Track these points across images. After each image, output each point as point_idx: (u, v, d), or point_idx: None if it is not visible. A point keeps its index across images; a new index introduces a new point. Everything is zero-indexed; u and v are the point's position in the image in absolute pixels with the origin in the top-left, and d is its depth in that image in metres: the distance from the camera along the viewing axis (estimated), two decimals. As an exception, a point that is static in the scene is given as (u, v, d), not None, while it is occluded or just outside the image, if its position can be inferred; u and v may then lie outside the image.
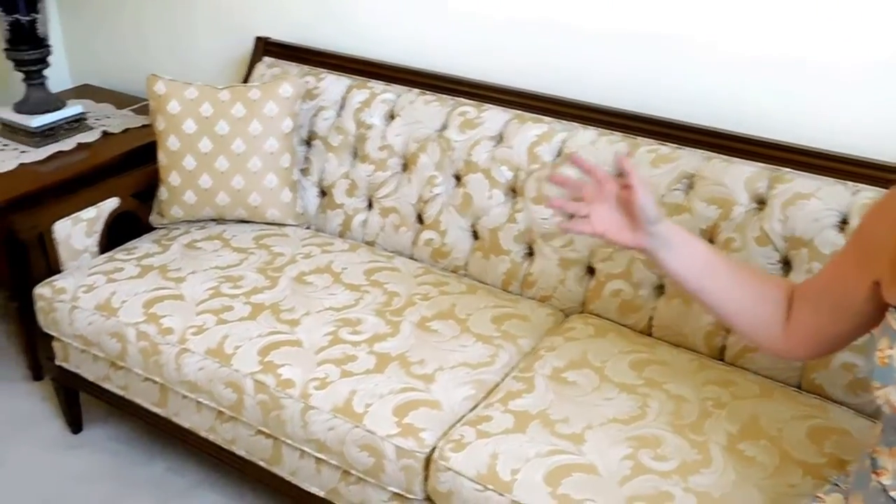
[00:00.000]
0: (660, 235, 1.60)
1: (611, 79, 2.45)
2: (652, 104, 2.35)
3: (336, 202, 2.73)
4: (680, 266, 1.62)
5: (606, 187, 1.63)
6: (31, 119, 3.04)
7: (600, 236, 1.64)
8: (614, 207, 1.64)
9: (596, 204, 1.64)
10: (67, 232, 2.57)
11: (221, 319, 2.29)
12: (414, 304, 2.33)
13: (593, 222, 1.63)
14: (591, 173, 1.65)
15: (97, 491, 2.61)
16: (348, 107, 2.73)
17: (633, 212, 1.59)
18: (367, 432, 1.97)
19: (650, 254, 1.63)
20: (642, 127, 2.32)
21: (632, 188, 1.56)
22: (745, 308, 1.60)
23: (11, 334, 3.29)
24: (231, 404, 2.18)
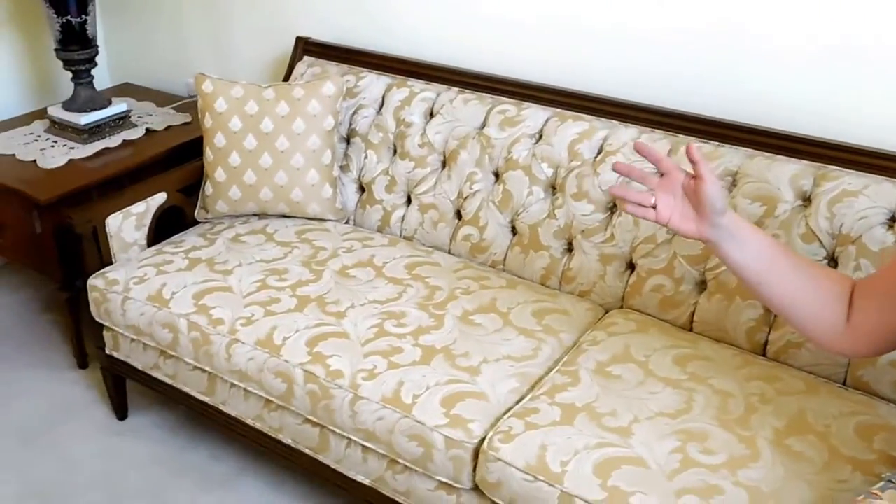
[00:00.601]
0: (725, 227, 1.53)
1: (651, 77, 2.38)
2: (694, 102, 2.28)
3: (375, 198, 2.67)
4: (743, 259, 1.55)
5: (673, 176, 1.56)
6: (79, 117, 2.99)
7: (664, 224, 1.57)
8: (680, 197, 1.57)
9: (661, 192, 1.57)
10: (119, 225, 2.51)
11: (269, 311, 2.22)
12: (456, 298, 2.27)
13: (659, 210, 1.56)
14: (658, 163, 1.58)
15: (145, 475, 2.56)
16: (388, 105, 2.66)
17: (700, 202, 1.51)
18: (416, 423, 1.91)
19: (713, 245, 1.56)
20: (684, 125, 2.25)
21: (700, 178, 1.49)
22: (807, 303, 1.53)
23: (57, 324, 3.24)
24: (280, 394, 2.12)
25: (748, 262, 1.54)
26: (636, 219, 2.24)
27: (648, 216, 1.57)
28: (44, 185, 2.73)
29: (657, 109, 2.30)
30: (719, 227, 1.53)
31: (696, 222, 1.54)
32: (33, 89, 3.45)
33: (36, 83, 3.46)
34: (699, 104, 2.26)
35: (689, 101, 2.28)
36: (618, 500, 1.67)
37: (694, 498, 1.65)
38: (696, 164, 1.49)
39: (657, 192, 1.57)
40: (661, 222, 1.57)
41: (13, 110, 3.36)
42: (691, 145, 1.51)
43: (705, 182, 1.49)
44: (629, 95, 2.38)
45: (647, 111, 2.32)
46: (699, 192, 1.50)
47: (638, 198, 1.57)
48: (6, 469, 2.58)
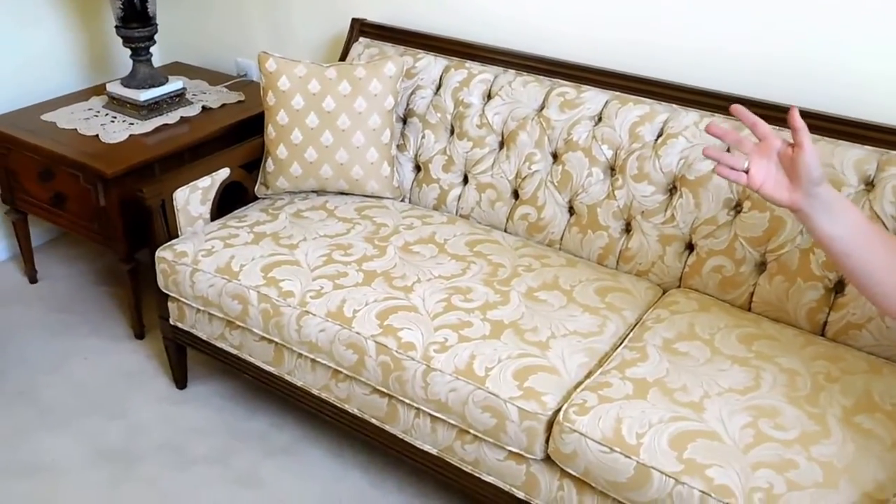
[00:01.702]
0: (820, 198, 1.48)
1: (714, 61, 2.35)
2: (756, 87, 2.25)
3: (432, 177, 2.65)
4: (834, 231, 1.50)
5: (769, 142, 1.52)
6: (138, 93, 2.97)
7: (756, 190, 1.51)
8: (775, 164, 1.52)
9: (756, 157, 1.52)
10: (185, 199, 2.50)
11: (338, 285, 2.21)
12: (519, 276, 2.26)
13: (751, 175, 1.51)
14: (755, 127, 1.53)
15: (208, 442, 2.56)
16: (446, 86, 2.64)
17: (797, 171, 1.46)
18: (490, 394, 1.90)
19: (804, 215, 1.51)
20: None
21: (799, 146, 1.45)
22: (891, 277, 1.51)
23: (112, 295, 3.24)
24: (350, 365, 2.11)
25: (839, 235, 1.51)
26: (696, 200, 2.22)
27: (740, 180, 1.52)
28: (108, 160, 2.72)
29: (719, 94, 2.28)
30: (814, 197, 1.48)
31: (790, 191, 1.50)
32: (90, 66, 3.43)
33: (92, 60, 3.44)
34: (762, 89, 2.24)
35: (751, 87, 2.26)
36: (694, 472, 1.67)
37: (769, 472, 1.65)
38: (796, 132, 1.45)
39: (751, 157, 1.52)
40: (752, 187, 1.52)
41: (70, 86, 3.35)
42: (794, 110, 1.46)
43: (804, 150, 1.44)
44: (690, 79, 2.35)
45: (709, 95, 2.29)
46: (797, 161, 1.46)
47: (731, 161, 1.53)
48: (73, 435, 2.58)
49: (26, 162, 2.93)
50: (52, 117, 3.01)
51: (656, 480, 1.69)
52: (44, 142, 2.84)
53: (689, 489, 1.66)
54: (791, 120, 1.45)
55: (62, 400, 2.71)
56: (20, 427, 2.60)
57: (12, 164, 3.00)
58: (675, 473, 1.68)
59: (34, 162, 2.90)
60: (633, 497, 1.74)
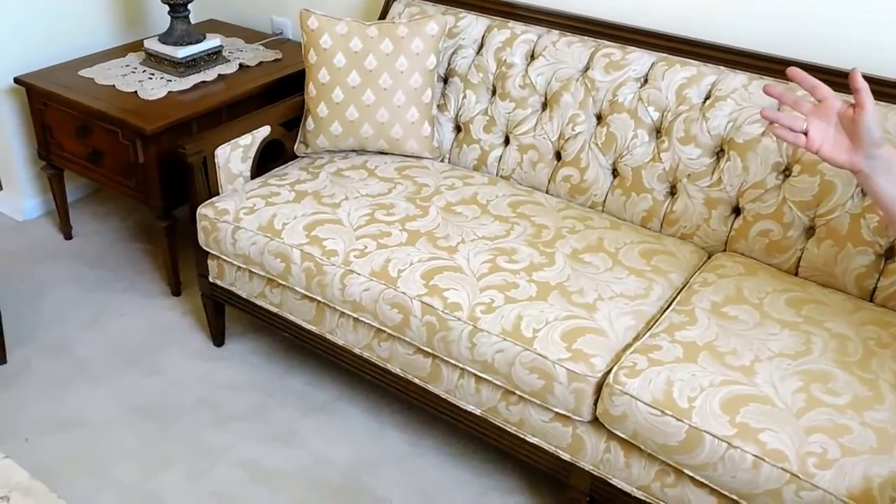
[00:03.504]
0: (882, 159, 1.45)
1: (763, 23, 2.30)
2: (809, 51, 2.20)
3: (473, 137, 2.63)
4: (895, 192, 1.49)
5: (829, 104, 1.49)
6: (176, 50, 2.94)
7: (814, 152, 1.50)
8: (834, 125, 1.50)
9: (814, 119, 1.50)
10: (226, 157, 2.48)
11: (381, 244, 2.20)
12: (563, 237, 2.24)
13: (810, 137, 1.49)
14: (814, 90, 1.50)
15: (246, 399, 2.56)
16: (488, 46, 2.61)
17: (857, 132, 1.44)
18: (538, 356, 1.89)
19: (864, 177, 1.48)
20: (796, 72, 2.17)
21: (861, 106, 1.42)
22: None
23: (146, 252, 3.23)
24: (395, 324, 2.10)
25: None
26: (744, 164, 2.19)
27: (799, 142, 1.50)
28: (147, 116, 2.71)
29: (768, 56, 2.24)
30: (875, 158, 1.45)
31: (850, 152, 1.47)
32: (125, 22, 3.40)
33: (128, 16, 3.41)
34: (814, 53, 2.19)
35: (803, 50, 2.21)
36: (747, 436, 1.65)
37: (823, 436, 1.63)
38: (858, 92, 1.42)
39: (810, 119, 1.49)
40: (811, 149, 1.50)
41: (106, 42, 3.33)
42: (856, 71, 1.44)
43: (865, 111, 1.42)
44: (738, 41, 2.30)
45: (757, 57, 2.25)
46: (858, 122, 1.43)
47: (789, 122, 1.50)
48: (111, 389, 2.59)
49: (63, 118, 2.91)
50: (90, 73, 2.99)
51: (708, 444, 1.68)
52: (82, 97, 2.83)
53: (741, 453, 1.65)
54: (853, 81, 1.43)
55: (98, 355, 2.72)
56: (56, 382, 2.61)
57: (49, 120, 2.99)
58: (728, 437, 1.66)
59: (71, 118, 2.88)
60: (683, 460, 1.73)
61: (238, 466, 2.32)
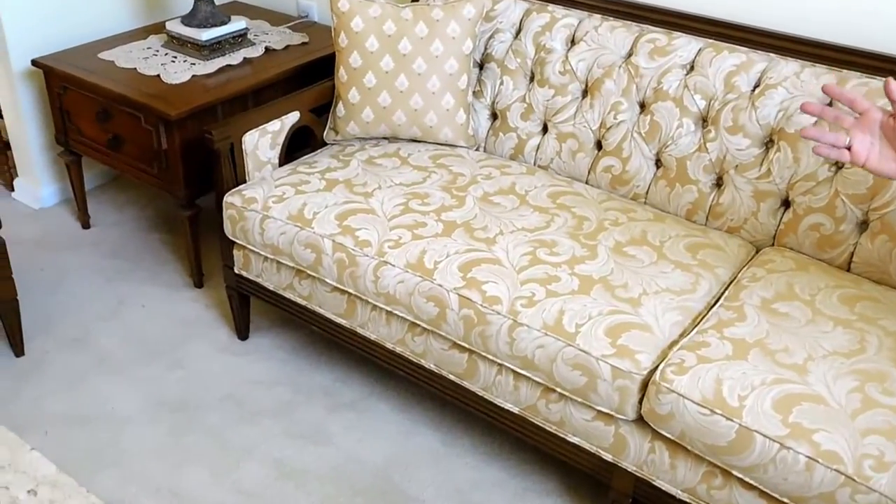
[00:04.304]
0: None
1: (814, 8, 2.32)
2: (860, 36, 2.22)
3: (510, 125, 2.66)
4: None
5: (870, 116, 1.53)
6: (200, 32, 2.99)
7: (860, 165, 1.55)
8: (878, 137, 1.54)
9: (857, 132, 1.54)
10: (255, 143, 2.52)
11: (417, 235, 2.24)
12: (605, 229, 2.27)
13: (854, 151, 1.54)
14: (853, 104, 1.55)
15: (272, 395, 2.60)
16: (527, 30, 2.64)
17: None
18: (581, 352, 1.92)
19: None
20: (850, 60, 2.20)
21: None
22: None
23: (167, 243, 3.28)
24: (430, 318, 2.14)
25: None
26: (795, 155, 2.21)
27: (843, 158, 1.55)
28: (170, 101, 2.75)
29: (821, 43, 2.26)
30: None
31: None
32: (145, 3, 3.45)
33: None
34: (870, 39, 2.21)
35: (859, 36, 2.23)
36: (800, 436, 1.68)
37: (880, 438, 1.66)
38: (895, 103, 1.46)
39: (852, 132, 1.54)
40: (856, 163, 1.55)
41: (126, 24, 3.37)
42: (890, 81, 1.47)
43: None
44: (789, 27, 2.32)
45: (810, 44, 2.27)
46: None
47: (831, 139, 1.55)
48: (132, 383, 2.64)
49: (83, 102, 2.96)
50: (110, 56, 3.04)
51: (759, 444, 1.71)
52: (103, 81, 2.88)
53: (794, 454, 1.67)
54: (889, 92, 1.46)
55: (119, 348, 2.77)
56: (77, 374, 2.66)
57: (68, 105, 3.04)
58: (780, 438, 1.69)
59: (92, 102, 2.93)
60: (733, 461, 1.76)
61: (264, 464, 2.37)
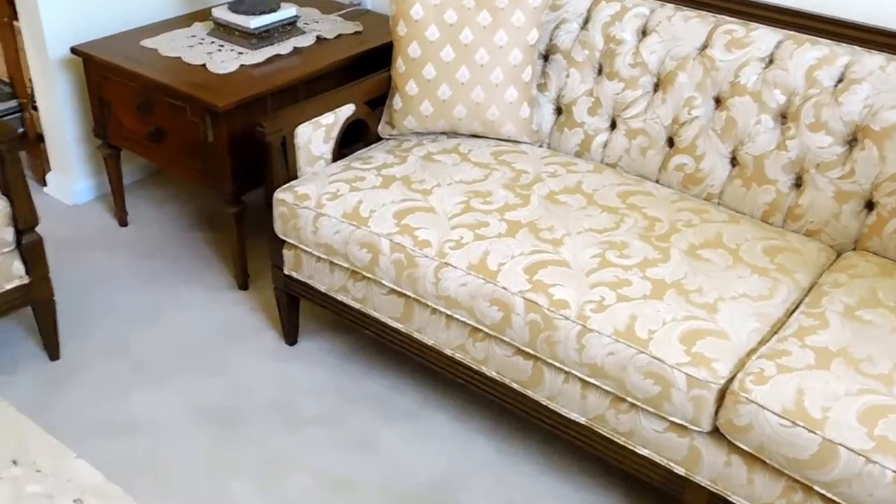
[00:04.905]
0: None
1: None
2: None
3: (576, 120, 2.74)
4: None
5: None
6: (248, 20, 3.09)
7: None
8: None
9: None
10: (308, 137, 2.62)
11: (479, 235, 2.32)
12: (678, 231, 2.34)
13: None
14: None
15: (320, 403, 2.70)
16: (595, 20, 2.72)
17: None
18: (654, 359, 2.00)
19: None
20: (942, 53, 2.26)
21: None
22: None
23: (208, 242, 3.40)
24: (494, 323, 2.23)
25: None
26: (881, 154, 2.28)
27: None
28: (217, 91, 2.85)
29: (910, 35, 2.32)
30: None
31: None
32: (188, -11, 3.56)
33: (191, -17, 3.58)
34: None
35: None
36: (888, 450, 1.75)
37: (971, 452, 1.72)
38: None
39: None
40: None
41: (168, 10, 3.48)
42: None
43: None
44: (875, 18, 2.39)
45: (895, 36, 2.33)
46: None
47: None
48: (173, 389, 2.74)
49: (124, 92, 3.08)
50: (153, 44, 3.15)
51: (843, 458, 1.78)
52: (146, 70, 2.99)
53: (880, 469, 1.74)
54: None
55: (158, 353, 2.88)
56: (114, 380, 2.76)
57: (107, 95, 3.16)
58: (866, 451, 1.76)
59: (133, 92, 3.05)
60: (815, 476, 1.83)
61: (312, 475, 2.46)
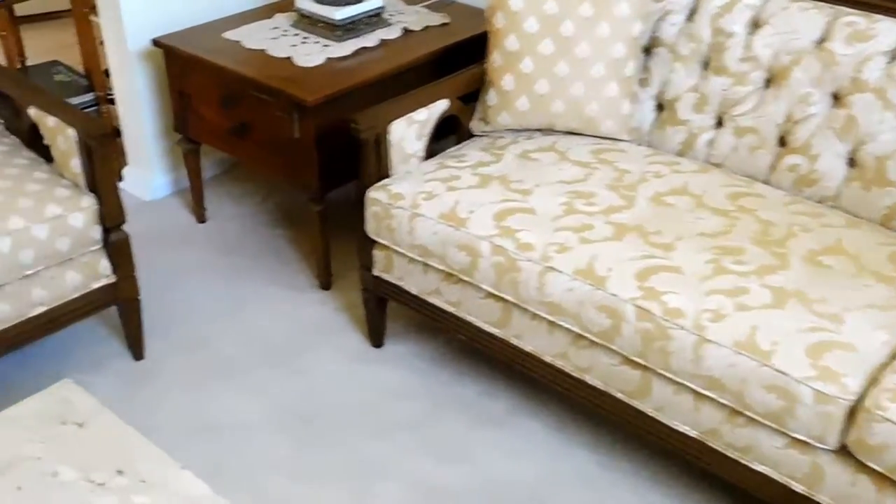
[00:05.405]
0: None
1: None
2: None
3: (679, 118, 2.68)
4: None
5: None
6: (334, 11, 3.07)
7: None
8: None
9: None
10: (401, 134, 2.59)
11: (584, 239, 2.28)
12: (795, 236, 2.28)
13: None
14: None
15: (410, 407, 2.67)
16: (703, 11, 2.66)
17: None
18: (778, 373, 1.94)
19: None
20: None
21: None
22: None
23: (287, 239, 3.39)
24: (602, 331, 2.18)
25: None
26: None
27: None
28: (305, 85, 2.83)
29: None
30: None
31: None
32: (268, -21, 3.55)
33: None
34: None
35: None
36: None
37: None
38: None
39: None
40: None
41: (248, 2, 3.47)
42: None
43: None
44: None
45: None
46: None
47: None
48: (256, 391, 2.73)
49: (207, 86, 3.08)
50: (236, 36, 3.14)
51: None
52: (230, 63, 2.98)
53: None
54: None
55: (240, 353, 2.87)
56: (196, 381, 2.76)
57: (189, 88, 3.16)
58: None
59: (217, 86, 3.04)
60: (956, 499, 1.76)
61: (405, 483, 2.44)
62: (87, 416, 1.85)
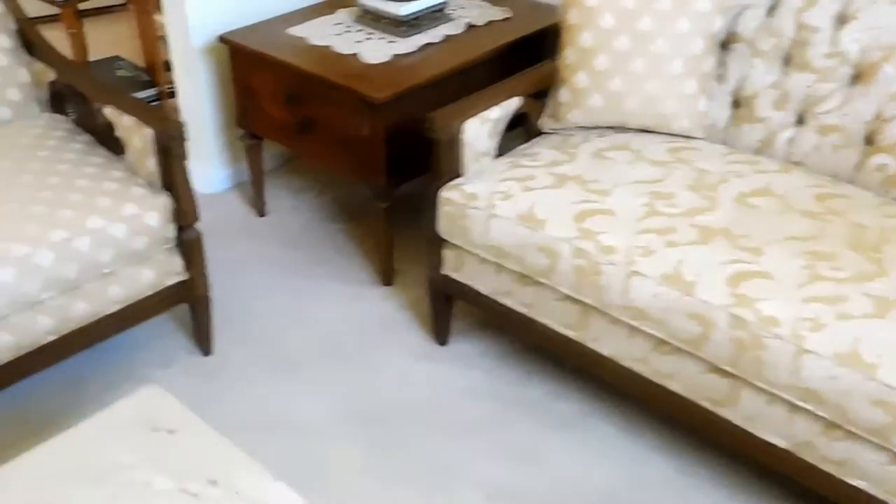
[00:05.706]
0: None
1: None
2: None
3: (756, 115, 2.49)
4: None
5: None
6: (398, 6, 2.91)
7: None
8: None
9: None
10: (475, 132, 2.42)
11: (669, 242, 2.10)
12: (890, 241, 2.09)
13: None
14: None
15: (476, 408, 2.51)
16: (785, 5, 2.47)
17: None
18: (886, 387, 1.76)
19: None
20: None
21: None
22: None
23: (347, 234, 3.25)
24: (689, 338, 2.01)
25: None
26: None
27: None
28: (373, 82, 2.67)
29: None
30: None
31: None
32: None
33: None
34: None
35: None
36: None
37: None
38: None
39: None
40: None
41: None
42: None
43: None
44: None
45: None
46: None
47: None
48: (322, 388, 2.58)
49: (272, 82, 2.92)
50: (300, 32, 2.99)
51: None
52: (297, 60, 2.83)
53: None
54: None
55: (306, 349, 2.72)
56: (261, 376, 2.61)
57: (253, 84, 3.01)
58: None
59: (282, 82, 2.89)
60: None
61: (479, 485, 2.28)
62: (177, 422, 1.71)
